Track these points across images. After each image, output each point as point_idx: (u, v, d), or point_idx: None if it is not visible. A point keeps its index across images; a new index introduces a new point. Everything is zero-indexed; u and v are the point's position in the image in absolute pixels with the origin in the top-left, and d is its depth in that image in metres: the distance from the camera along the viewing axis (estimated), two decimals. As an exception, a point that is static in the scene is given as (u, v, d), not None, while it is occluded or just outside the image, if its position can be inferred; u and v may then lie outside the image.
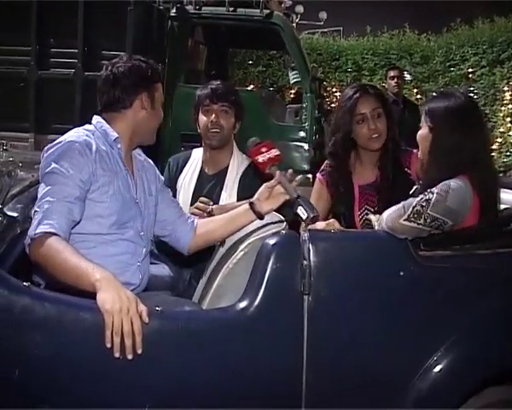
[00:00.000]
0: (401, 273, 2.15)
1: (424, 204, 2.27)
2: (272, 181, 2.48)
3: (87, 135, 2.38)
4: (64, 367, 1.97)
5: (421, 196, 2.34)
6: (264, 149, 2.50)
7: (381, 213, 2.59)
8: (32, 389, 1.96)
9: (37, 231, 2.12)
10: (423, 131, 2.57)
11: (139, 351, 1.92)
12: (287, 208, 2.49)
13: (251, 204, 2.52)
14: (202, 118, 3.33)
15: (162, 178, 2.79)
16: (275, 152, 2.50)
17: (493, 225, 2.43)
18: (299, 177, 2.54)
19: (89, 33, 6.58)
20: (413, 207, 2.27)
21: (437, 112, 2.53)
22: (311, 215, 2.32)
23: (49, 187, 2.23)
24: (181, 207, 2.77)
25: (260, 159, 2.49)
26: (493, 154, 10.08)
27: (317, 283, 2.10)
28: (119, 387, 1.99)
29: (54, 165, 2.26)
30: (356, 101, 3.05)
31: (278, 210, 2.53)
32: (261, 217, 2.50)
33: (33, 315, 1.94)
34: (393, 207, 2.32)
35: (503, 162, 10.15)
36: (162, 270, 3.06)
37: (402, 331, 2.17)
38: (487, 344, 2.19)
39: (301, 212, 2.35)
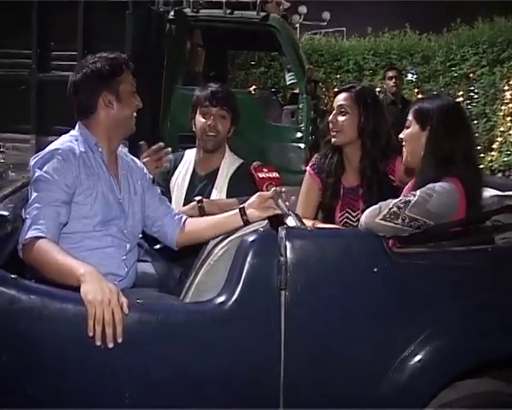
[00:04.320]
0: (375, 270, 2.20)
1: (402, 205, 2.31)
2: (267, 193, 2.55)
3: (71, 141, 2.49)
4: (47, 355, 2.06)
5: (400, 197, 2.39)
6: (265, 169, 2.63)
7: None
8: (18, 373, 2.05)
9: (27, 236, 2.25)
10: (413, 131, 2.59)
11: (119, 340, 2.01)
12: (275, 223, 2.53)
13: (241, 209, 2.59)
14: (200, 119, 3.37)
15: (151, 176, 2.88)
16: (275, 175, 2.62)
17: (467, 222, 2.49)
18: (293, 198, 2.63)
19: (88, 36, 6.68)
20: (389, 208, 2.31)
21: (431, 112, 2.55)
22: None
23: (36, 194, 2.35)
24: (169, 204, 2.87)
25: (261, 175, 2.61)
26: (493, 153, 10.20)
27: (293, 278, 2.15)
28: (100, 375, 2.07)
29: (39, 172, 2.38)
30: (335, 95, 3.21)
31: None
32: (247, 223, 2.57)
33: (20, 305, 2.03)
34: (372, 207, 2.37)
35: (504, 161, 10.17)
36: (152, 267, 3.14)
37: (376, 326, 2.22)
38: (460, 338, 2.24)
39: (289, 222, 2.41)
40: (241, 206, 2.60)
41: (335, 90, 10.88)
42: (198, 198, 3.10)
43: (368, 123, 3.12)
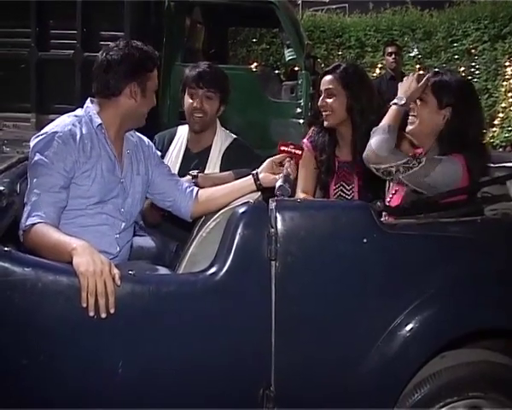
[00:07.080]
0: (364, 240, 2.23)
1: (402, 170, 2.37)
2: (277, 157, 2.63)
3: (73, 123, 2.49)
4: (41, 327, 2.09)
5: (410, 157, 2.44)
6: (291, 146, 2.67)
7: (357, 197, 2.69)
8: (12, 346, 2.09)
9: (27, 223, 2.29)
10: (430, 104, 2.59)
11: (112, 311, 2.04)
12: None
13: (254, 175, 2.64)
14: (187, 100, 3.39)
15: (159, 153, 2.90)
16: (297, 151, 2.66)
17: (457, 194, 2.52)
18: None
19: (87, 14, 6.68)
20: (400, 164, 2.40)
21: (451, 88, 2.56)
22: (280, 184, 2.43)
23: (35, 179, 2.37)
24: (179, 178, 2.87)
25: (282, 148, 2.67)
26: (495, 129, 10.18)
27: (283, 249, 2.18)
28: (94, 346, 2.10)
29: (39, 156, 2.39)
30: (320, 78, 3.25)
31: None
32: (260, 187, 2.63)
33: (14, 278, 2.05)
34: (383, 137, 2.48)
35: (505, 137, 10.14)
36: (149, 241, 3.19)
37: (366, 296, 2.25)
38: (449, 308, 2.27)
39: (278, 182, 2.47)
40: (254, 172, 2.65)
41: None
42: (193, 172, 3.13)
43: (355, 101, 3.14)
